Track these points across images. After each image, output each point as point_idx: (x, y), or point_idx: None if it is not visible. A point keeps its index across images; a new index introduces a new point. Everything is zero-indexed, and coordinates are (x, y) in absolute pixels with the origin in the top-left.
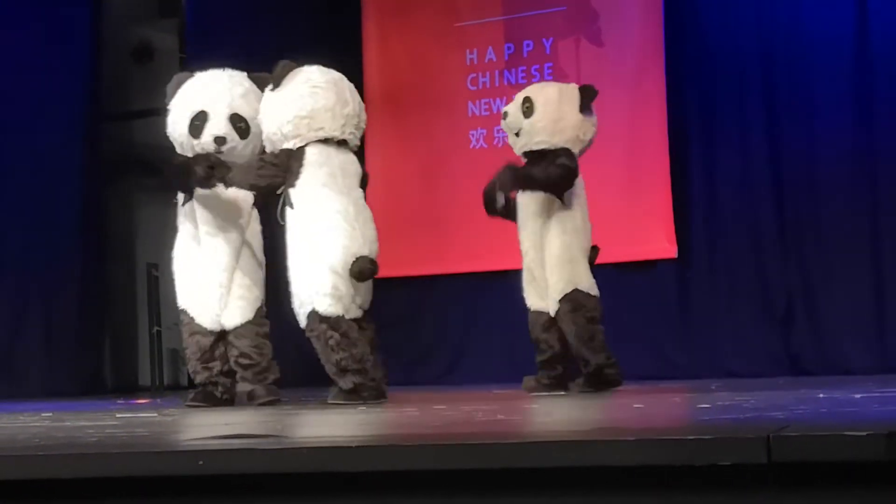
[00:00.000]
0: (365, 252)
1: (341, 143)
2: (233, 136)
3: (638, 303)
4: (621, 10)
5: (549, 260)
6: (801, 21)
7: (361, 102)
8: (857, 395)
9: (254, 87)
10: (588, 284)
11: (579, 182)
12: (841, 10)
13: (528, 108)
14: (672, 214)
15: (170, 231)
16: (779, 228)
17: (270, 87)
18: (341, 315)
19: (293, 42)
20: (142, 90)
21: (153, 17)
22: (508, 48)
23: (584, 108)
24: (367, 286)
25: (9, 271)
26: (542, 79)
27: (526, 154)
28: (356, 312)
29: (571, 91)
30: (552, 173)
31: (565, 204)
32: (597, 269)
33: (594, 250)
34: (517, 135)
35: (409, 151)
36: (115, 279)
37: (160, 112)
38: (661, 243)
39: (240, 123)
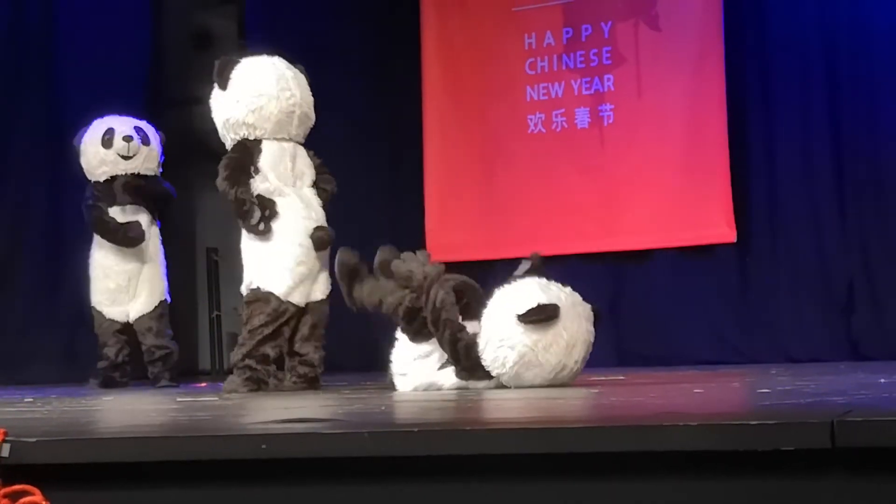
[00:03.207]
0: None
1: None
2: None
3: (697, 287)
4: None
5: None
6: (864, 2)
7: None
8: None
9: None
10: None
11: None
12: None
13: None
14: (731, 199)
15: (229, 216)
16: (839, 213)
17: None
18: None
19: (352, 27)
20: (201, 77)
21: (213, 4)
22: (567, 32)
23: None
24: None
25: (71, 255)
26: (600, 63)
27: None
28: None
29: None
30: None
31: None
32: (656, 254)
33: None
34: None
35: (467, 136)
36: (175, 264)
37: None
38: (720, 228)
39: None
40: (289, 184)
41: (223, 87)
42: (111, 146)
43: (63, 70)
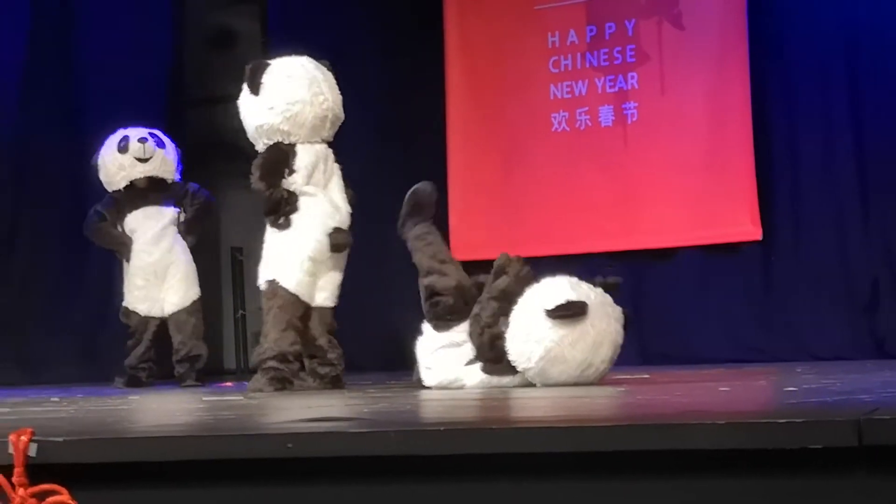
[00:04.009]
0: None
1: None
2: None
3: (722, 286)
4: None
5: None
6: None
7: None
8: None
9: None
10: None
11: None
12: None
13: None
14: (756, 197)
15: (252, 216)
16: (864, 211)
17: None
18: None
19: (374, 26)
20: (223, 75)
21: (234, 3)
22: (590, 30)
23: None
24: None
25: (93, 257)
26: (624, 61)
27: None
28: None
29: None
30: None
31: None
32: (681, 252)
33: None
34: None
35: (490, 135)
36: (199, 263)
37: None
38: (745, 226)
39: None
40: (320, 185)
41: (255, 92)
42: (127, 151)
43: (84, 70)
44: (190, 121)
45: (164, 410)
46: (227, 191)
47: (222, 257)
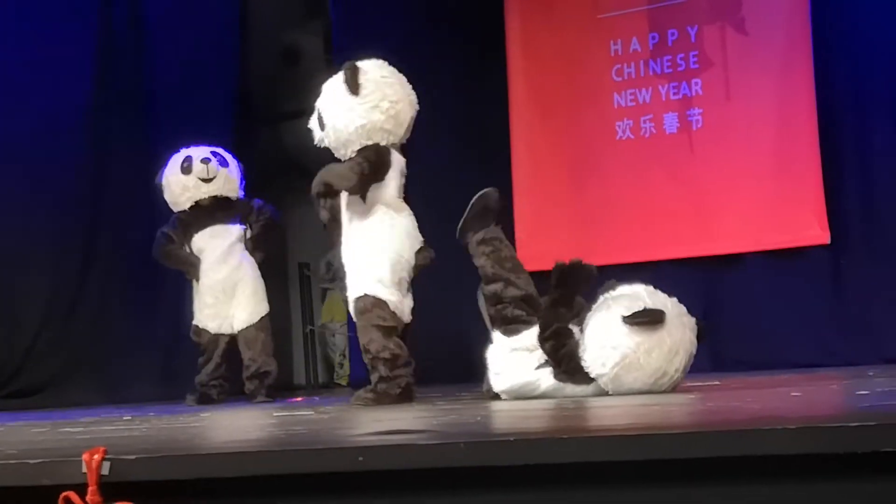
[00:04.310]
0: None
1: None
2: None
3: (791, 290)
4: None
5: None
6: None
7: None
8: None
9: None
10: None
11: None
12: None
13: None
14: (824, 200)
15: (320, 232)
16: None
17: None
18: None
19: (437, 41)
20: (289, 93)
21: (299, 20)
22: (653, 38)
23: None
24: None
25: (166, 278)
26: (687, 67)
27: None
28: None
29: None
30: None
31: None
32: (749, 257)
33: None
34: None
35: (554, 145)
36: (267, 280)
37: (308, 114)
38: (812, 230)
39: None
40: (401, 196)
41: (356, 92)
42: (191, 172)
43: (153, 89)
44: (256, 138)
45: (236, 426)
46: (294, 207)
47: (290, 273)
